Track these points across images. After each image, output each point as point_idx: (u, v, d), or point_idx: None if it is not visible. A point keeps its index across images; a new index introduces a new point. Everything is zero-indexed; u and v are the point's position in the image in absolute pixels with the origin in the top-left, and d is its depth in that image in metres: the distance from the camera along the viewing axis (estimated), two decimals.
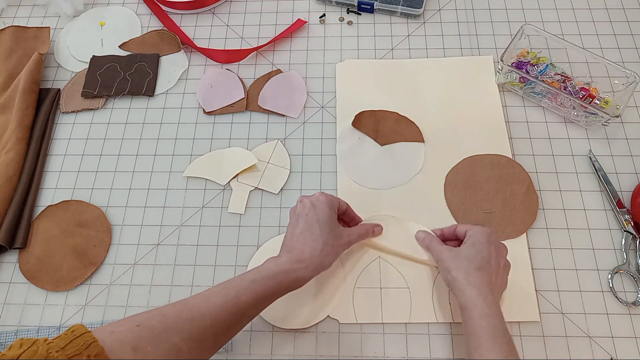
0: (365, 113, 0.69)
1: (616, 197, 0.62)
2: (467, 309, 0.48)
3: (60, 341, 0.37)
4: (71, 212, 0.65)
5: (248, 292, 0.46)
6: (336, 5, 0.80)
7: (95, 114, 0.73)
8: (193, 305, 0.45)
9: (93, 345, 0.37)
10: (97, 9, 0.82)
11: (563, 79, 0.67)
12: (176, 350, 0.42)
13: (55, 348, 0.36)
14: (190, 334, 0.43)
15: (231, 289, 0.46)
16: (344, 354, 0.56)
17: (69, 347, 0.37)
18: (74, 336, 0.38)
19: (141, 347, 0.40)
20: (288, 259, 0.50)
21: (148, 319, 0.42)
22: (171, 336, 0.42)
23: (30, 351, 0.35)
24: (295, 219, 0.54)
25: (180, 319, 0.43)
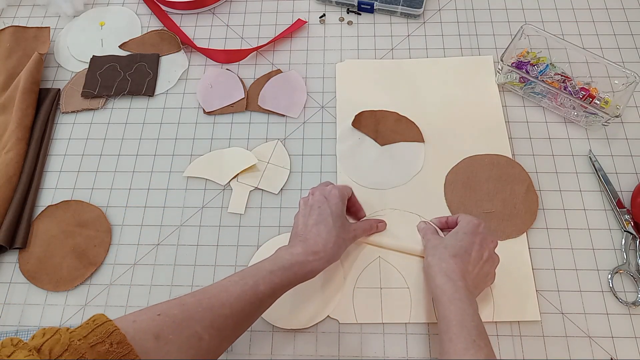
0: (365, 113, 0.69)
1: (616, 197, 0.62)
2: (436, 294, 0.49)
3: (82, 330, 0.37)
4: (71, 212, 0.65)
5: (266, 282, 0.47)
6: (336, 5, 0.80)
7: (95, 114, 0.73)
8: (212, 294, 0.45)
9: (115, 333, 0.37)
10: (97, 9, 0.82)
11: (563, 79, 0.67)
12: (198, 338, 0.42)
13: (77, 337, 0.36)
14: (212, 323, 0.43)
15: (249, 279, 0.47)
16: (344, 354, 0.56)
17: (91, 336, 0.37)
18: (95, 325, 0.38)
19: (163, 335, 0.40)
20: (303, 250, 0.50)
21: (169, 308, 0.43)
22: (192, 325, 0.42)
23: (54, 340, 0.35)
24: (308, 210, 0.54)
25: (201, 307, 0.44)
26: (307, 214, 0.54)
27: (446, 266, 0.50)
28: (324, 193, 0.55)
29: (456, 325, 0.46)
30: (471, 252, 0.52)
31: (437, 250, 0.53)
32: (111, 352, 0.36)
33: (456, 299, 0.47)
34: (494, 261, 0.54)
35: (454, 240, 0.53)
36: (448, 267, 0.50)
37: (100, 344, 0.36)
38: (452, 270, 0.50)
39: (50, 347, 0.35)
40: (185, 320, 0.42)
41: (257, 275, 0.47)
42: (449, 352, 0.45)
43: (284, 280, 0.48)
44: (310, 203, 0.55)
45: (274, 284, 0.47)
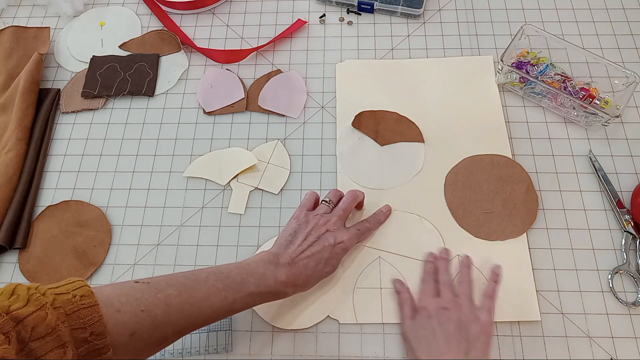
0: (365, 113, 0.69)
1: (616, 197, 0.62)
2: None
3: (68, 304, 0.37)
4: (71, 212, 0.65)
5: (242, 301, 0.48)
6: (336, 5, 0.80)
7: (95, 114, 0.73)
8: (195, 301, 0.45)
9: (98, 323, 0.37)
10: (97, 9, 0.82)
11: (563, 79, 0.67)
12: (164, 339, 0.44)
13: (62, 316, 0.35)
14: (183, 329, 0.45)
15: (230, 295, 0.47)
16: (344, 354, 0.56)
17: (75, 317, 0.36)
18: (82, 305, 0.37)
19: (138, 334, 0.41)
20: (286, 280, 0.50)
21: (154, 306, 0.43)
22: (167, 329, 0.43)
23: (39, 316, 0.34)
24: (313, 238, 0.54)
25: (182, 314, 0.44)
26: (307, 234, 0.54)
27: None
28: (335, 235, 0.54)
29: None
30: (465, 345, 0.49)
31: None
32: (89, 342, 0.36)
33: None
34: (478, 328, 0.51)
35: (445, 345, 0.49)
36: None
37: (81, 330, 0.36)
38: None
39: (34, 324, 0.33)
40: (163, 323, 0.43)
41: (238, 292, 0.47)
42: None
43: (257, 302, 0.50)
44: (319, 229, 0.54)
45: (247, 305, 0.49)
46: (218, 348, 0.56)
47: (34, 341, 0.33)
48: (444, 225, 0.62)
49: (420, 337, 0.51)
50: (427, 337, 0.51)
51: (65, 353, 0.34)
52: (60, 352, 0.34)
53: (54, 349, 0.34)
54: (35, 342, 0.33)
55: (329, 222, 0.55)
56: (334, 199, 0.59)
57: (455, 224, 0.62)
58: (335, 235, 0.54)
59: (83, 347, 0.36)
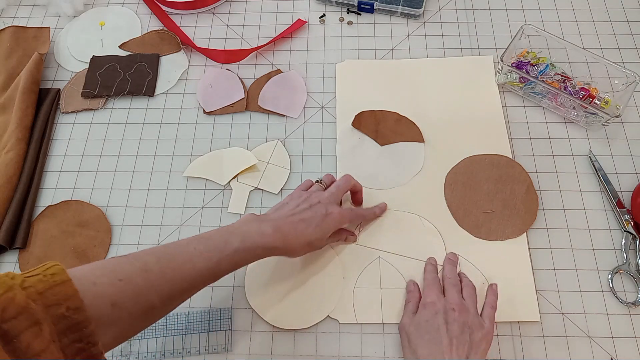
0: (365, 113, 0.69)
1: (616, 197, 0.62)
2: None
3: (39, 284, 0.36)
4: (71, 212, 0.65)
5: (228, 260, 0.47)
6: (336, 5, 0.80)
7: (95, 114, 0.73)
8: (177, 264, 0.45)
9: (74, 297, 0.36)
10: (97, 9, 0.82)
11: (563, 79, 0.67)
12: (151, 307, 0.43)
13: (33, 295, 0.35)
14: (169, 294, 0.44)
15: (214, 255, 0.47)
16: (344, 354, 0.56)
17: (48, 294, 0.35)
18: (54, 282, 0.36)
19: (120, 303, 0.40)
20: (272, 233, 0.50)
21: (132, 273, 0.42)
22: (151, 295, 0.43)
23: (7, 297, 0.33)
24: (305, 205, 0.54)
25: (163, 279, 0.43)
26: (300, 206, 0.54)
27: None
28: (327, 206, 0.54)
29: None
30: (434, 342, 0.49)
31: None
32: (66, 317, 0.35)
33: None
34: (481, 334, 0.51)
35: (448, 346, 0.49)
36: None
37: (56, 307, 0.35)
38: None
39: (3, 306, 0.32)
40: (145, 290, 0.42)
41: (222, 252, 0.47)
42: None
43: (244, 261, 0.49)
44: (311, 202, 0.54)
45: (235, 263, 0.48)
46: (218, 348, 0.56)
47: (6, 322, 0.32)
48: (444, 225, 0.62)
49: (423, 331, 0.50)
50: (431, 332, 0.50)
51: (41, 330, 0.33)
52: (36, 330, 0.33)
53: (27, 327, 0.33)
54: (7, 323, 0.32)
55: (321, 196, 0.56)
56: (327, 181, 0.60)
57: (455, 224, 0.62)
58: (327, 207, 0.54)
59: (62, 324, 0.35)
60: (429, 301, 0.53)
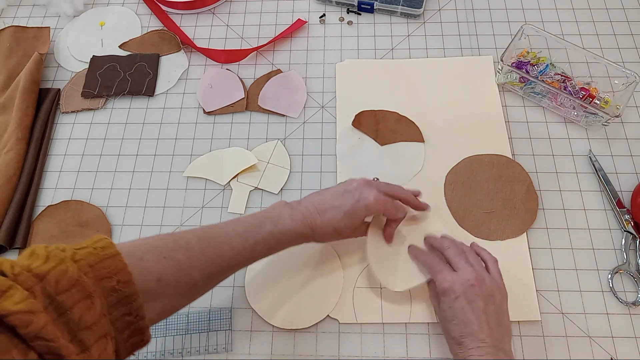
0: (365, 113, 0.69)
1: (616, 197, 0.62)
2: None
3: (90, 256, 0.36)
4: (71, 212, 0.65)
5: (264, 242, 0.48)
6: (336, 5, 0.80)
7: (95, 114, 0.73)
8: (216, 244, 0.46)
9: (123, 271, 0.37)
10: (97, 9, 0.82)
11: (563, 79, 0.67)
12: (193, 284, 0.44)
13: (85, 268, 0.35)
14: (210, 272, 0.45)
15: (251, 237, 0.48)
16: (344, 354, 0.56)
17: (99, 267, 0.36)
18: (104, 255, 0.37)
19: (165, 279, 0.41)
20: (303, 219, 0.50)
21: (175, 251, 0.43)
22: (193, 272, 0.44)
23: (60, 270, 0.33)
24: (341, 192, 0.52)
25: (204, 257, 0.45)
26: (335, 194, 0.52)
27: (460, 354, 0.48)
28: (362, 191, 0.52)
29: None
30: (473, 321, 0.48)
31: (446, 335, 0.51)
32: (117, 290, 0.36)
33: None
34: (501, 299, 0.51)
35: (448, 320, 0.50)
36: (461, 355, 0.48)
37: (107, 279, 0.36)
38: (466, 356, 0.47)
39: (57, 278, 0.33)
40: (187, 267, 0.43)
41: (258, 234, 0.48)
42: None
43: (278, 243, 0.49)
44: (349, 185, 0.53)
45: (269, 245, 0.49)
46: (218, 348, 0.56)
47: (61, 294, 0.33)
48: (444, 225, 0.62)
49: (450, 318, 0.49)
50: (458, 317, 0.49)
51: (92, 303, 0.34)
52: (88, 303, 0.34)
53: (80, 300, 0.33)
54: (61, 295, 0.33)
55: (360, 181, 0.53)
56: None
57: (455, 224, 0.62)
58: (361, 192, 0.52)
59: (112, 296, 0.36)
60: (446, 287, 0.50)
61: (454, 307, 0.49)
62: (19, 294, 0.30)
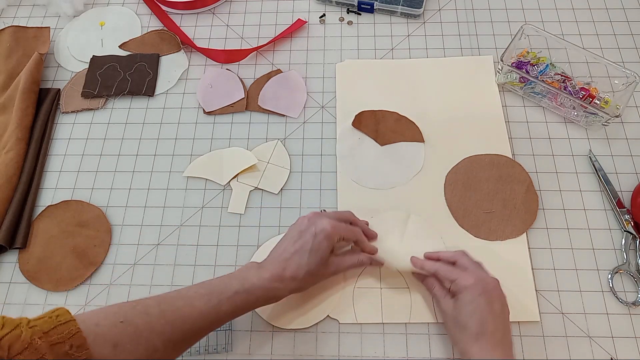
0: (365, 113, 0.69)
1: (616, 197, 0.62)
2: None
3: (44, 324, 0.37)
4: (71, 212, 0.65)
5: (229, 302, 0.48)
6: (336, 5, 0.80)
7: (95, 114, 0.73)
8: (176, 307, 0.45)
9: (77, 335, 0.37)
10: (97, 9, 0.82)
11: (563, 79, 0.67)
12: (153, 350, 0.43)
13: (38, 333, 0.36)
14: (170, 337, 0.44)
15: (214, 297, 0.47)
16: (344, 354, 0.56)
17: (52, 333, 0.37)
18: (58, 322, 0.38)
19: (122, 345, 0.41)
20: (270, 276, 0.50)
21: (133, 316, 0.43)
22: (152, 337, 0.43)
23: (14, 335, 0.35)
24: (297, 235, 0.52)
25: (164, 320, 0.44)
26: (294, 239, 0.52)
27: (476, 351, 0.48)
28: (317, 226, 0.52)
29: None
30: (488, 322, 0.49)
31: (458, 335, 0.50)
32: (70, 355, 0.37)
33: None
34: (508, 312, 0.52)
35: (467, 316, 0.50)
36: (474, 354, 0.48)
37: (61, 345, 0.36)
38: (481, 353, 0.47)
39: (10, 343, 0.34)
40: (147, 332, 0.43)
41: (222, 294, 0.48)
42: None
43: (246, 303, 0.49)
44: (302, 229, 0.53)
45: (235, 306, 0.48)
46: (218, 348, 0.56)
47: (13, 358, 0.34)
48: (444, 225, 0.62)
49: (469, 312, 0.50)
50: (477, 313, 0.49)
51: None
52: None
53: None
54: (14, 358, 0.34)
55: (309, 216, 0.54)
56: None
57: (455, 224, 0.62)
58: (315, 224, 0.52)
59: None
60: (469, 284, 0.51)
61: (478, 301, 0.49)
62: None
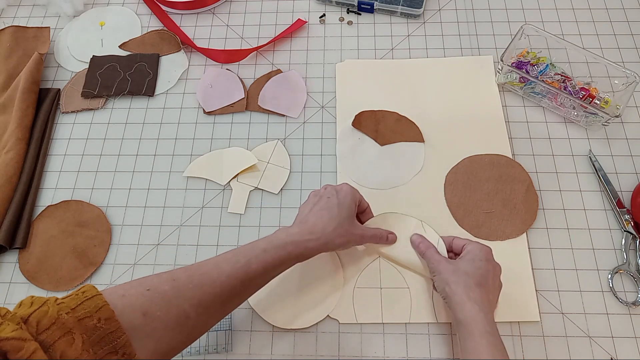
0: (365, 113, 0.69)
1: (616, 197, 0.62)
2: (467, 324, 0.48)
3: (71, 301, 0.37)
4: (71, 212, 0.65)
5: (258, 260, 0.47)
6: (336, 5, 0.80)
7: (95, 114, 0.73)
8: (204, 271, 0.45)
9: (104, 308, 0.37)
10: (97, 9, 0.82)
11: (563, 79, 0.67)
12: (185, 316, 0.42)
13: (65, 309, 0.36)
14: (200, 301, 0.43)
15: (241, 257, 0.46)
16: (344, 354, 0.56)
17: (79, 309, 0.37)
18: (85, 297, 0.38)
19: (151, 312, 0.40)
20: (300, 230, 0.50)
21: (159, 283, 0.42)
22: (181, 302, 0.42)
23: (41, 311, 0.35)
24: (316, 199, 0.54)
25: (191, 284, 0.43)
26: (314, 202, 0.54)
27: (474, 295, 0.49)
28: (336, 187, 0.55)
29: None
30: (489, 280, 0.51)
31: (460, 277, 0.51)
32: (98, 328, 0.36)
33: (488, 333, 0.46)
34: (500, 288, 0.54)
35: (473, 267, 0.51)
36: (476, 297, 0.49)
37: (88, 319, 0.36)
38: (481, 300, 0.49)
39: (38, 319, 0.34)
40: (175, 297, 0.42)
41: (250, 253, 0.47)
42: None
43: (277, 259, 0.48)
44: (319, 194, 0.55)
45: (266, 263, 0.47)
46: (218, 348, 0.56)
47: (42, 333, 0.34)
48: (444, 225, 0.62)
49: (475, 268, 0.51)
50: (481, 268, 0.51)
51: (73, 340, 0.34)
52: (69, 339, 0.34)
53: (61, 337, 0.34)
54: (42, 334, 0.34)
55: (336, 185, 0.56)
56: None
57: (455, 224, 0.62)
58: (334, 187, 0.55)
59: (95, 335, 0.36)
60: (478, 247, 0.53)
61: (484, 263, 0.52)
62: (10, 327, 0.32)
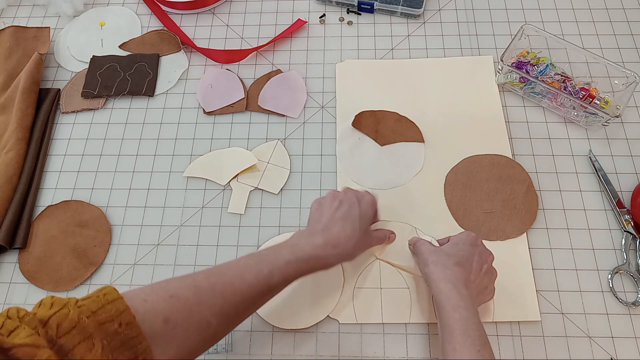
0: (365, 113, 0.69)
1: (616, 197, 0.62)
2: (440, 301, 0.48)
3: (92, 304, 0.36)
4: (71, 212, 0.65)
5: (281, 272, 0.46)
6: (336, 5, 0.80)
7: (95, 114, 0.73)
8: (226, 280, 0.44)
9: (125, 313, 0.37)
10: (97, 9, 0.82)
11: (563, 79, 0.67)
12: (206, 323, 0.42)
13: (86, 312, 0.35)
14: (221, 310, 0.43)
15: (264, 267, 0.46)
16: (344, 354, 0.56)
17: (100, 312, 0.36)
18: (106, 301, 0.37)
19: (172, 319, 0.40)
20: (324, 242, 0.49)
21: (182, 289, 0.42)
22: (203, 310, 0.42)
23: (62, 314, 0.34)
24: (337, 203, 0.53)
25: (214, 293, 0.43)
26: (335, 206, 0.52)
27: (450, 273, 0.50)
28: (357, 195, 0.54)
29: (460, 334, 0.45)
30: (472, 262, 0.52)
31: (439, 257, 0.52)
32: (119, 333, 0.36)
33: (461, 307, 0.47)
34: (492, 274, 0.54)
35: (455, 249, 0.53)
36: (452, 275, 0.49)
37: (109, 323, 0.36)
38: (456, 277, 0.49)
39: (58, 322, 0.34)
40: (197, 305, 0.41)
41: (273, 264, 0.46)
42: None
43: (299, 272, 0.48)
44: (340, 198, 0.53)
45: (287, 275, 0.47)
46: (218, 348, 0.56)
47: (62, 337, 0.33)
48: (444, 225, 0.62)
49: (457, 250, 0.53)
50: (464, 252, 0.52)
51: (93, 345, 0.34)
52: (88, 344, 0.34)
53: (80, 341, 0.33)
54: (62, 338, 0.33)
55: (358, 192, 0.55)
56: None
57: (455, 224, 0.62)
58: (355, 194, 0.54)
59: (115, 340, 0.36)
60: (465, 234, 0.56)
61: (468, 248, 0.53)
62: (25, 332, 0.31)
